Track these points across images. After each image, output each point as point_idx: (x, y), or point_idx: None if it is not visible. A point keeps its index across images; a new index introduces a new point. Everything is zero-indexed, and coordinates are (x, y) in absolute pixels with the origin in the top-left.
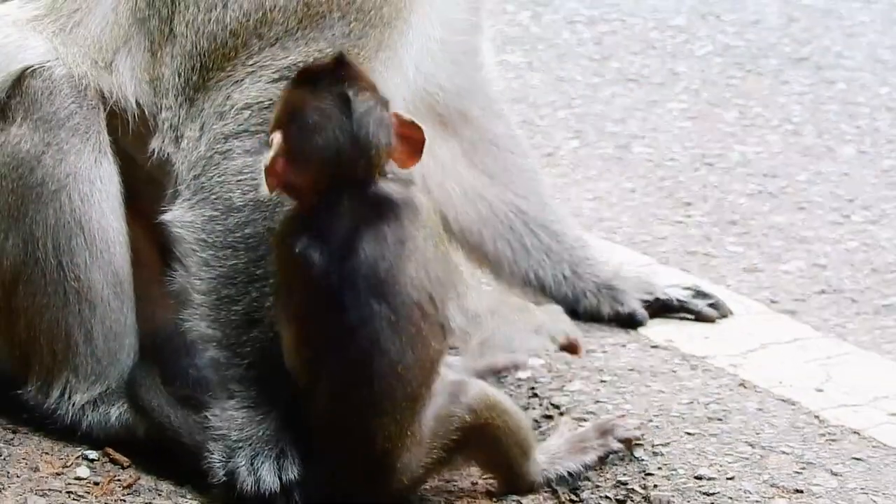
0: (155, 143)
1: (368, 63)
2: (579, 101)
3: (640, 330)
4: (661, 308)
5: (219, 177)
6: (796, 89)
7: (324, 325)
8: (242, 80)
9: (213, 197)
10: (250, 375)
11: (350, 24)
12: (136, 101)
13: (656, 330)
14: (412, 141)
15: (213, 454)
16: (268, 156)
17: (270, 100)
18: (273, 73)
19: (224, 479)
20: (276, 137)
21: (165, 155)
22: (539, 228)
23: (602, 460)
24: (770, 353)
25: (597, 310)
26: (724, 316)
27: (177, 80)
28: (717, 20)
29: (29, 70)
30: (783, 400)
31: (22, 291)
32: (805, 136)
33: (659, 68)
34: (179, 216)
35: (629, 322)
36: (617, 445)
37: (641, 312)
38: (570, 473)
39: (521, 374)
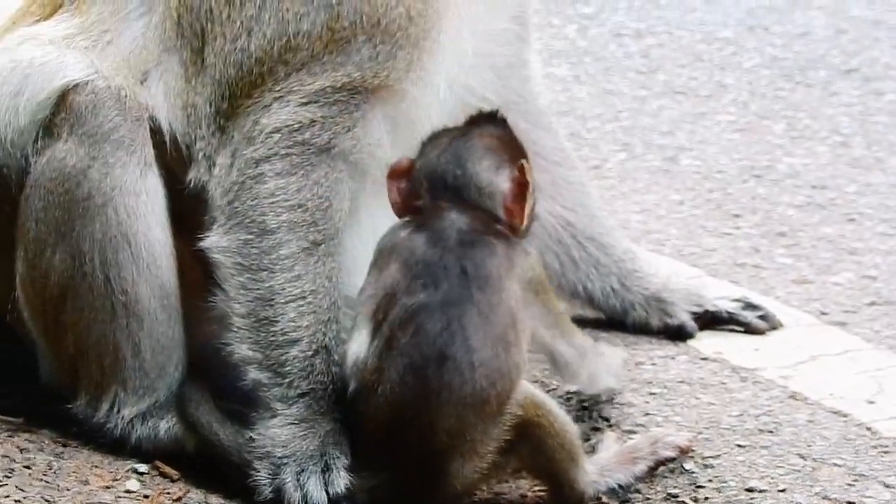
0: (192, 174)
1: (399, 84)
2: (626, 114)
3: (690, 342)
4: (711, 320)
5: (251, 201)
6: (845, 101)
7: (413, 301)
8: (270, 105)
9: (248, 221)
10: (293, 394)
11: (377, 47)
12: (170, 125)
13: (706, 342)
14: (519, 196)
15: (258, 472)
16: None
17: (300, 122)
18: (301, 97)
19: (270, 496)
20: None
21: (202, 184)
22: (587, 241)
23: (652, 471)
24: (820, 365)
25: (645, 322)
26: (773, 328)
27: (208, 109)
28: (764, 32)
29: (72, 85)
30: (834, 412)
31: (70, 306)
32: (854, 148)
33: (707, 81)
34: (216, 242)
35: (678, 334)
36: (668, 454)
37: (691, 324)
38: (620, 485)
39: (571, 387)
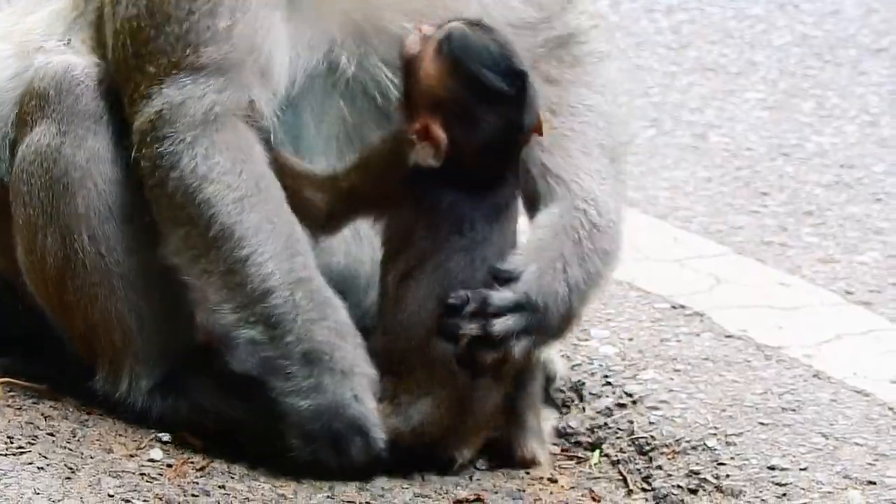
0: None
1: (250, 90)
2: (656, 90)
3: (715, 319)
4: None
5: (166, 200)
6: (874, 80)
7: (439, 242)
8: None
9: (175, 219)
10: (291, 340)
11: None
12: None
13: (730, 319)
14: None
15: (289, 439)
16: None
17: (161, 110)
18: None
19: (308, 458)
20: None
21: None
22: None
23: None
24: (844, 344)
25: None
26: None
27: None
28: (795, 10)
29: (31, 72)
30: (857, 391)
31: (70, 286)
32: (882, 128)
33: (736, 58)
34: (166, 250)
35: None
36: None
37: None
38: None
39: (596, 363)
